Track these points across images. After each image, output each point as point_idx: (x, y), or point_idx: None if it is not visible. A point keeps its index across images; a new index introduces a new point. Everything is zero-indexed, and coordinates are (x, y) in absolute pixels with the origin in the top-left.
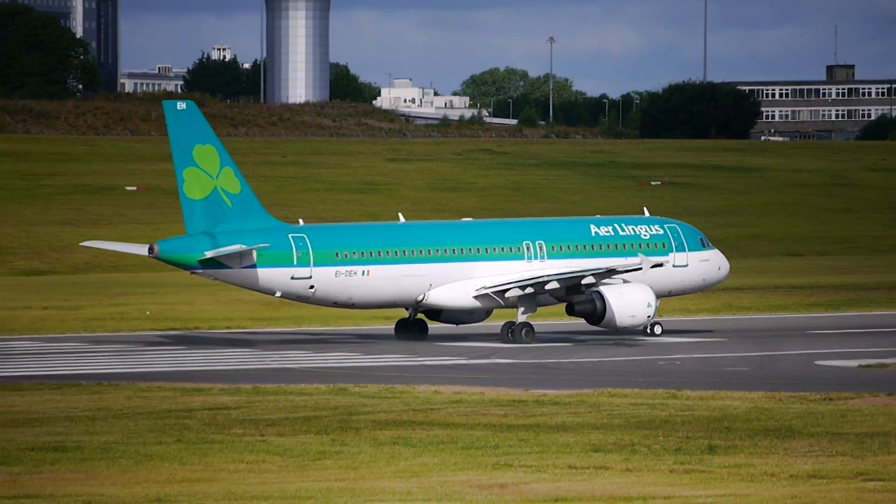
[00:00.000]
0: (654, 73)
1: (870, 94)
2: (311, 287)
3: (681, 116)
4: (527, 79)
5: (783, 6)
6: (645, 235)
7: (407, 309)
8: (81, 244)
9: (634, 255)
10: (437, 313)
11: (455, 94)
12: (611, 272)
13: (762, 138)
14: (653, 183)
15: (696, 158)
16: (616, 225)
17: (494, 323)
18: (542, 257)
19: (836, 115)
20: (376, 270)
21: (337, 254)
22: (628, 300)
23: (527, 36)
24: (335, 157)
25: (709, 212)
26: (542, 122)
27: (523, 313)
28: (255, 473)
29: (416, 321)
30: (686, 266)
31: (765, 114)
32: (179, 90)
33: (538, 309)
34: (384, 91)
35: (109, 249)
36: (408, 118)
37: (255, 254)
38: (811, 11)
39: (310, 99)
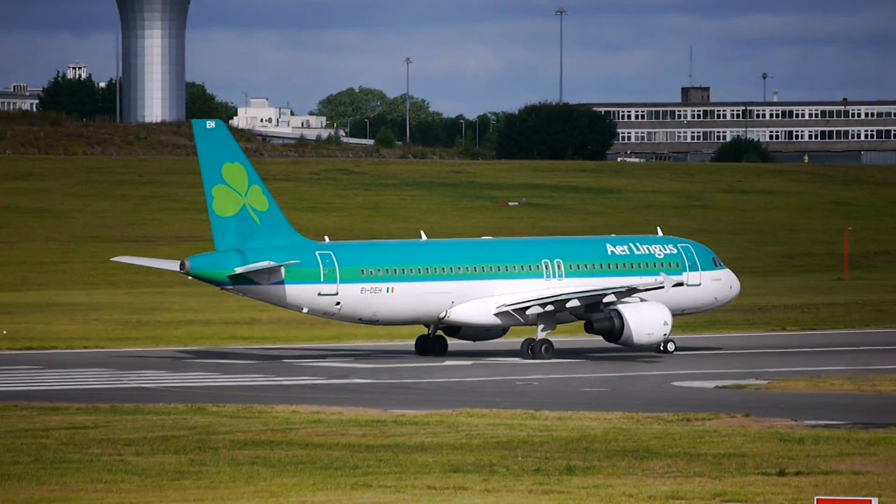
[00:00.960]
0: (510, 94)
1: (724, 115)
2: (338, 304)
3: (537, 137)
4: (384, 99)
5: (639, 28)
6: (659, 255)
7: (427, 326)
8: (112, 259)
9: (649, 274)
10: (455, 330)
11: (312, 113)
12: (632, 291)
13: (618, 159)
14: (510, 204)
15: (552, 179)
16: (631, 244)
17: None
18: (561, 276)
19: (692, 137)
20: (401, 287)
21: (363, 271)
22: (645, 318)
23: (384, 56)
24: (192, 176)
25: (566, 232)
26: (399, 143)
27: (543, 330)
28: (114, 493)
29: (436, 338)
30: (699, 285)
31: (621, 135)
32: (34, 109)
33: (557, 326)
34: (241, 111)
35: (141, 265)
36: (265, 138)
37: (283, 270)
38: (667, 34)
39: (166, 118)
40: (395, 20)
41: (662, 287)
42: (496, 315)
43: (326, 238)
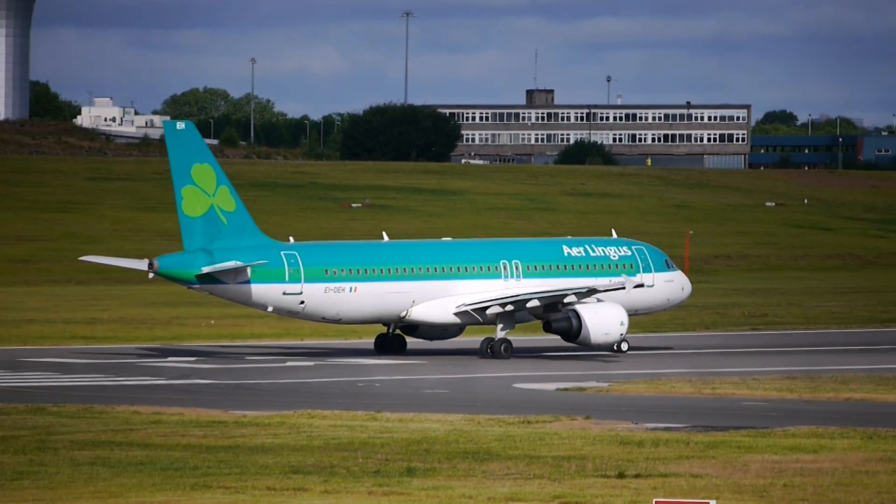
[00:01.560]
0: (356, 95)
1: (568, 118)
2: (302, 303)
3: (382, 138)
4: (228, 99)
5: (485, 30)
6: (614, 256)
7: (386, 325)
8: (80, 258)
9: (604, 275)
10: (413, 328)
11: (156, 113)
12: (592, 291)
13: (462, 161)
14: (354, 205)
15: (397, 181)
16: (587, 246)
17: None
18: (518, 276)
19: (536, 139)
20: (363, 287)
21: (326, 270)
22: (602, 318)
23: (228, 56)
24: (35, 175)
25: (410, 234)
26: (244, 143)
27: (502, 329)
28: None
29: (394, 336)
30: (652, 286)
31: (465, 137)
32: None
33: (515, 326)
34: (85, 110)
35: (108, 264)
36: (109, 137)
37: (249, 270)
38: (512, 36)
39: (9, 117)
40: (240, 20)
41: (623, 288)
42: (456, 314)
43: (291, 238)
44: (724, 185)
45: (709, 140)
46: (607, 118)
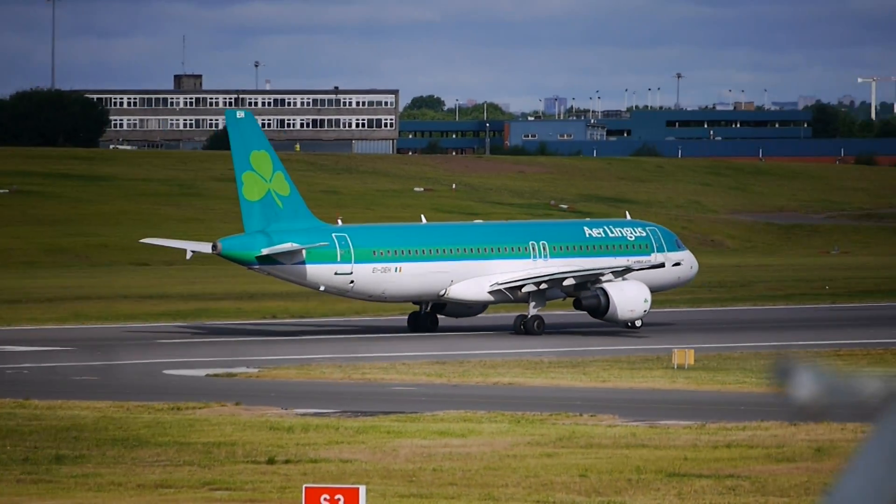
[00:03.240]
0: (2, 80)
1: (217, 103)
2: (352, 282)
3: (28, 124)
4: None
5: (134, 15)
6: (630, 237)
7: (418, 303)
8: (141, 241)
9: (622, 255)
10: (441, 306)
11: None
12: (628, 270)
13: (111, 146)
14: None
15: (44, 167)
16: (606, 227)
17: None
18: (546, 256)
19: (185, 125)
20: (408, 267)
21: (374, 252)
22: (629, 296)
23: None
24: None
25: (57, 221)
26: None
27: (535, 307)
28: None
29: (427, 314)
30: (679, 264)
31: (114, 122)
32: None
33: (545, 303)
34: None
35: (170, 246)
36: None
37: (304, 251)
38: (162, 21)
39: None
40: None
41: (662, 265)
42: (490, 293)
43: (339, 221)
44: (373, 171)
45: (357, 125)
46: (256, 103)
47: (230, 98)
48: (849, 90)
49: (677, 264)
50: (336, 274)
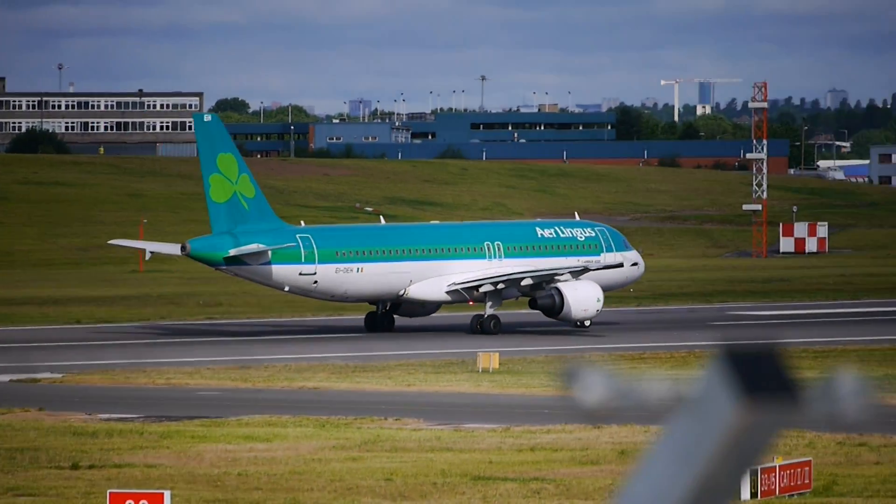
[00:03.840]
0: None
1: (20, 106)
2: (315, 282)
3: None
4: None
5: None
6: (581, 237)
7: (374, 304)
8: (109, 242)
9: (573, 254)
10: (396, 306)
11: None
12: (586, 270)
13: None
14: None
15: None
16: (557, 228)
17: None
18: (500, 256)
19: None
20: (369, 268)
21: (337, 252)
22: (582, 296)
23: None
24: None
25: None
26: None
27: (491, 307)
28: None
29: (384, 315)
30: (636, 265)
31: None
32: None
33: (501, 303)
34: None
35: (139, 248)
36: None
37: (270, 252)
38: None
39: None
40: None
41: (620, 265)
42: (447, 293)
43: (302, 222)
44: (178, 174)
45: (162, 128)
46: (59, 106)
47: (33, 101)
48: (652, 92)
49: (635, 264)
50: (301, 274)
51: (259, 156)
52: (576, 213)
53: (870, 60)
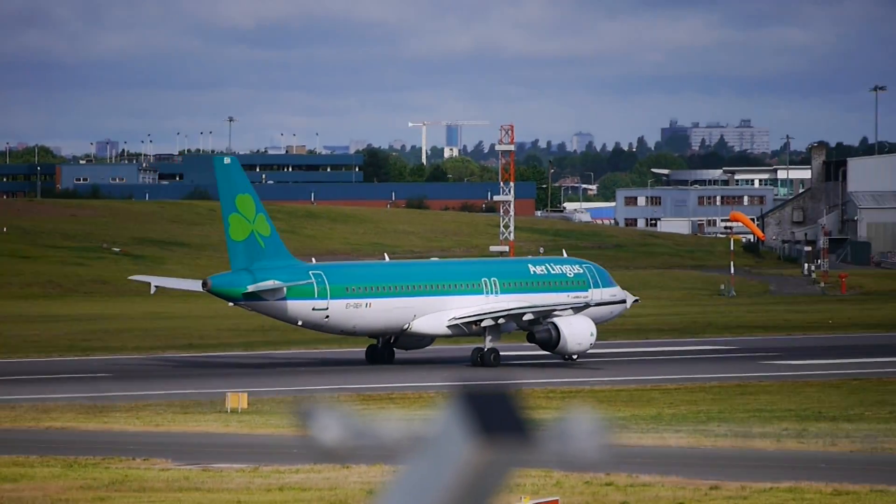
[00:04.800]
0: None
1: None
2: (327, 317)
3: None
4: None
5: None
6: (570, 274)
7: (375, 337)
8: (130, 278)
9: (563, 290)
10: (392, 338)
11: None
12: (588, 305)
13: None
14: None
15: None
16: (547, 265)
17: None
18: (497, 292)
19: None
20: (377, 303)
21: (347, 288)
22: (576, 330)
23: None
24: None
25: None
26: None
27: (491, 340)
28: None
29: (384, 348)
30: (638, 300)
31: None
32: None
33: (500, 336)
34: None
35: (161, 285)
36: None
37: (285, 289)
38: None
39: None
40: None
41: (622, 302)
42: (448, 327)
43: (313, 259)
44: None
45: None
46: None
47: None
48: (400, 134)
49: (636, 300)
50: (314, 309)
51: (5, 196)
52: (563, 251)
53: (615, 104)
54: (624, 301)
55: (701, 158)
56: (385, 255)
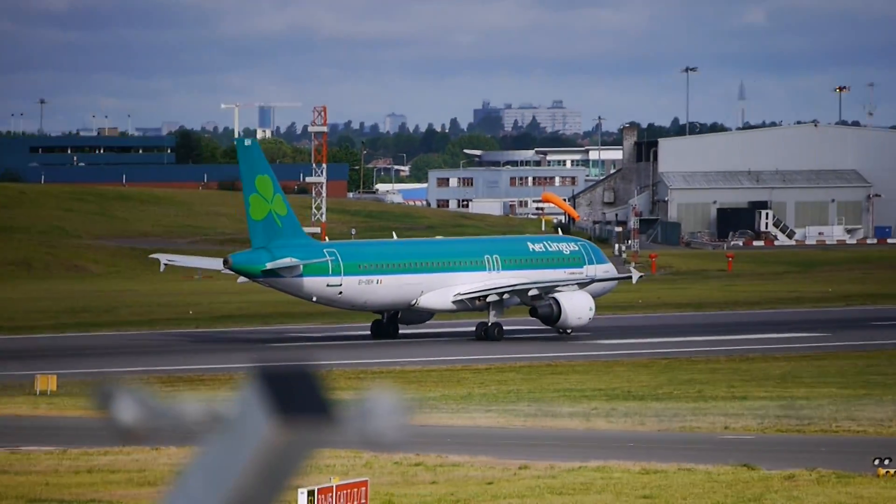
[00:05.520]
0: None
1: None
2: (340, 293)
3: None
4: None
5: None
6: (566, 251)
7: (381, 312)
8: (150, 256)
9: (561, 267)
10: (396, 314)
11: None
12: (592, 280)
13: None
14: None
15: None
16: (545, 242)
17: None
18: (499, 269)
19: None
20: (387, 279)
21: (360, 265)
22: (577, 305)
23: None
24: None
25: None
26: None
27: (495, 315)
28: None
29: (389, 323)
30: (632, 277)
31: None
32: None
33: (504, 311)
34: None
35: (183, 265)
36: None
37: (301, 266)
38: None
39: None
40: None
41: (628, 278)
42: (453, 302)
43: (326, 238)
44: None
45: None
46: None
47: None
48: (212, 116)
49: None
50: (328, 286)
51: None
52: (559, 229)
53: (428, 85)
54: (621, 278)
55: (513, 139)
56: (393, 233)
